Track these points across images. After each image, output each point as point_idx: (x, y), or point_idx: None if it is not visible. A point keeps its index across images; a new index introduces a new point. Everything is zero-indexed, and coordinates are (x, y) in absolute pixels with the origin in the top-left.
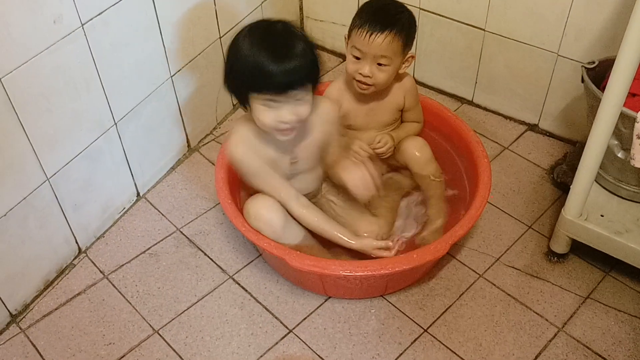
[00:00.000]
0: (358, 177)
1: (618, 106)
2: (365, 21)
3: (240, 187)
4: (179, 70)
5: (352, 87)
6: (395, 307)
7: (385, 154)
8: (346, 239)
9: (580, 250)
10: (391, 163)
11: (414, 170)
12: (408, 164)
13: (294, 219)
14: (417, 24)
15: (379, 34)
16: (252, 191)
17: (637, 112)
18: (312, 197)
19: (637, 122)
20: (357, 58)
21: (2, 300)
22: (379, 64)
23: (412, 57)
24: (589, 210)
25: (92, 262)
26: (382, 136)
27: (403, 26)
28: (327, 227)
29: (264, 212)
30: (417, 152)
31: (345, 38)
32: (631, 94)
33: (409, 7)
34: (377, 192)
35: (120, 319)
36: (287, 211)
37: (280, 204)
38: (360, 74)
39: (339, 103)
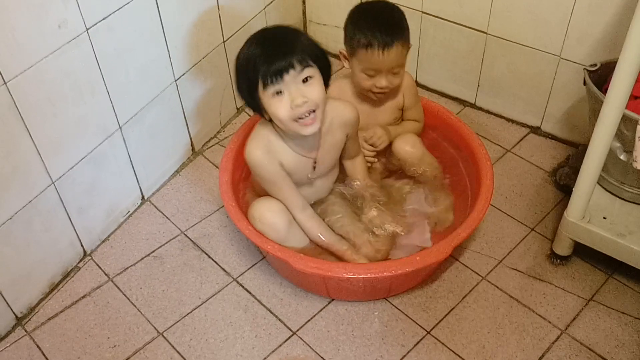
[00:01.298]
0: None
1: (620, 109)
2: (372, 38)
3: (244, 190)
4: (183, 75)
5: (353, 87)
6: (399, 309)
7: (377, 145)
8: (347, 254)
9: (583, 252)
10: (389, 167)
11: (410, 166)
12: (402, 161)
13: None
14: (419, 25)
15: (391, 49)
16: (258, 192)
17: None
18: (319, 204)
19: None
20: (371, 74)
21: (7, 303)
22: (395, 69)
23: (410, 45)
24: (592, 213)
25: (97, 265)
26: (373, 127)
27: (403, 28)
28: (329, 239)
29: (268, 216)
30: (409, 147)
31: (341, 54)
32: (633, 97)
33: (411, 10)
34: None
35: (125, 322)
36: (295, 221)
37: (285, 207)
38: (378, 87)
39: None
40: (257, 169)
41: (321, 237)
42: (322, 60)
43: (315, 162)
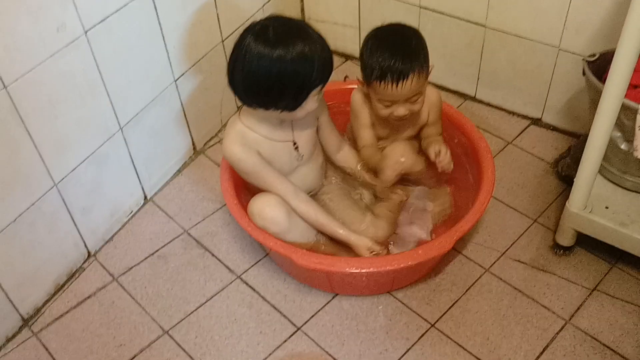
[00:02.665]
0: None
1: (619, 98)
2: (386, 70)
3: (246, 188)
4: (182, 74)
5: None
6: (402, 303)
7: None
8: (343, 232)
9: (586, 242)
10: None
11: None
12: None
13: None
14: (418, 20)
15: (406, 80)
16: (254, 191)
17: (639, 103)
18: (313, 194)
19: (639, 114)
20: (387, 104)
21: (14, 305)
22: (413, 98)
23: (432, 67)
24: (594, 203)
25: (102, 265)
26: (441, 147)
27: (420, 55)
28: (326, 221)
29: (267, 210)
30: (401, 157)
31: (358, 80)
32: (632, 86)
33: (409, 5)
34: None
35: (131, 321)
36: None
37: (282, 200)
38: (396, 115)
39: (365, 110)
40: (238, 164)
41: (319, 219)
42: None
43: (295, 144)
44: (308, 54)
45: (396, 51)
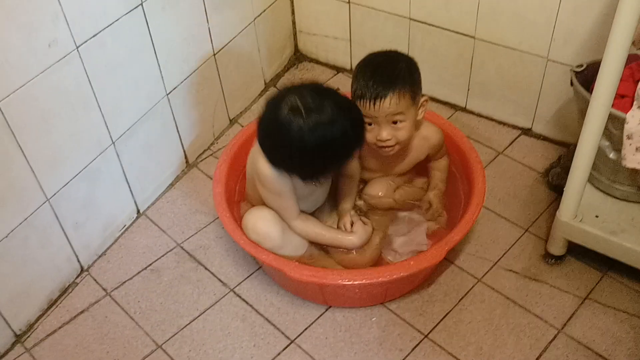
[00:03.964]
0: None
1: (606, 108)
2: (365, 89)
3: (238, 201)
4: (174, 88)
5: None
6: (396, 314)
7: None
8: (343, 237)
9: (577, 251)
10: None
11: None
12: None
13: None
14: (407, 32)
15: (383, 99)
16: (252, 203)
17: (627, 113)
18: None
19: (627, 123)
20: (370, 124)
21: (6, 321)
22: (394, 122)
23: (426, 100)
24: (584, 212)
25: (95, 280)
26: (432, 201)
27: (404, 78)
28: (326, 233)
29: (260, 225)
30: (380, 193)
31: None
32: (620, 96)
33: (399, 17)
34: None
35: (124, 335)
36: (290, 228)
37: (277, 215)
38: (379, 140)
39: None
40: (269, 182)
41: (315, 230)
42: None
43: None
44: (329, 140)
45: (379, 72)
